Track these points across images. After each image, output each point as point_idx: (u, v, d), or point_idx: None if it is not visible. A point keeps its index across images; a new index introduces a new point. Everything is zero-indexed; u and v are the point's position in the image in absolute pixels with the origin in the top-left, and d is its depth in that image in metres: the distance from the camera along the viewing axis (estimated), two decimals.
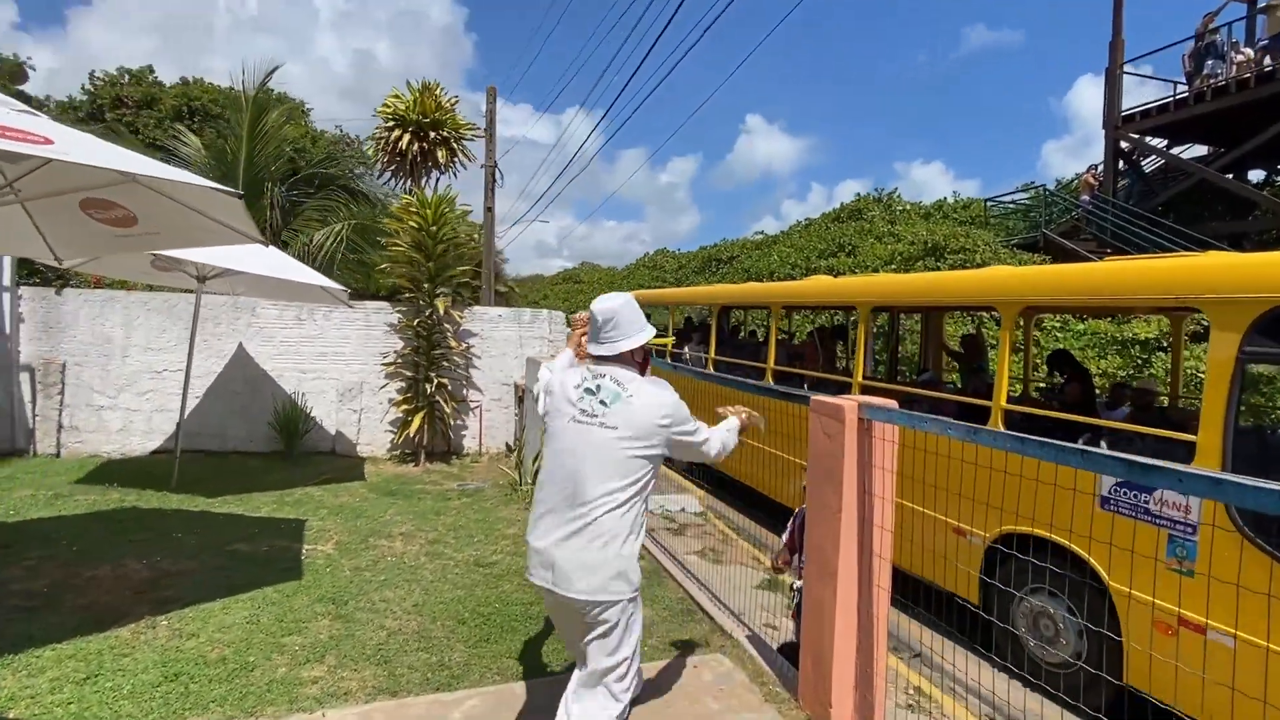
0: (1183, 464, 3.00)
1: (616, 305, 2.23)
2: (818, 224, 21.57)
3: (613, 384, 2.16)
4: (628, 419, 2.09)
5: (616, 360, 2.22)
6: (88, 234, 4.13)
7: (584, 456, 2.08)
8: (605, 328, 2.22)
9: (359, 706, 2.80)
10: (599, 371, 2.20)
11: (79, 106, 27.69)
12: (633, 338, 2.22)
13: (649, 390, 2.18)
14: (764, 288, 9.94)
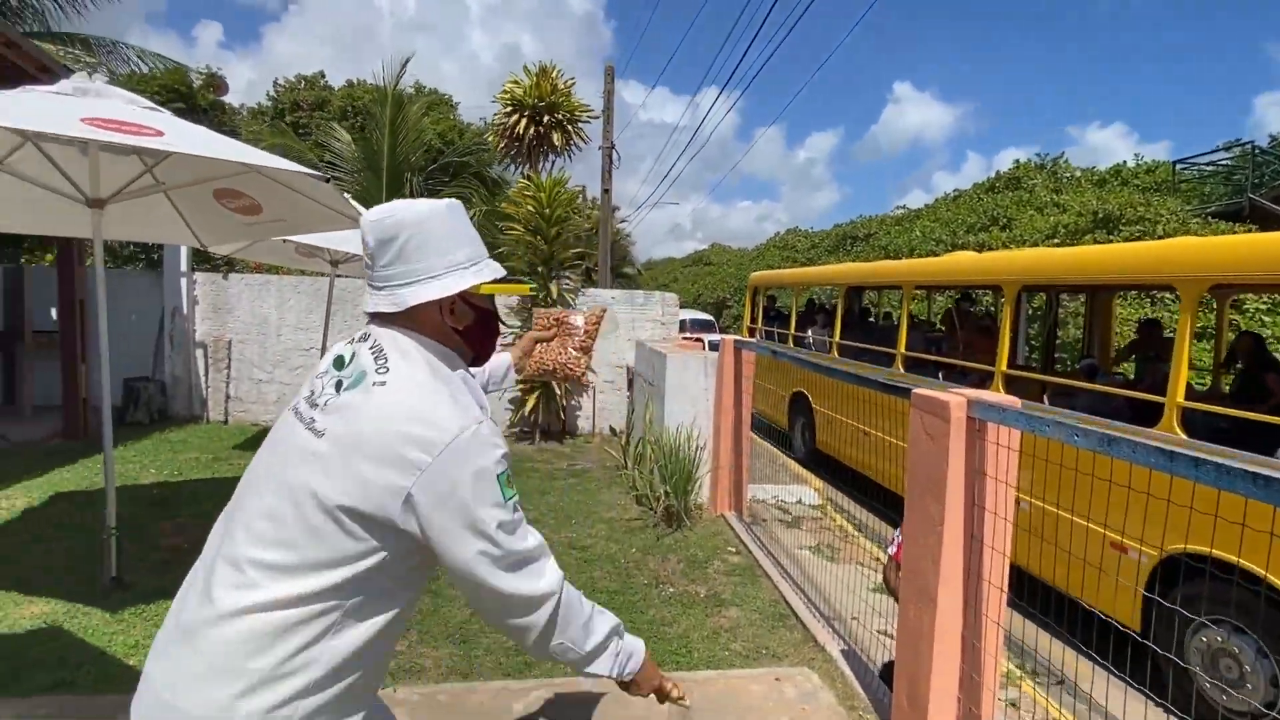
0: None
1: (404, 218, 1.13)
2: (968, 196, 19.71)
3: (369, 356, 1.12)
4: (350, 426, 1.05)
5: (401, 322, 1.15)
6: (223, 222, 4.50)
7: (264, 476, 1.11)
8: (379, 256, 1.14)
9: (428, 686, 2.82)
10: (368, 334, 1.17)
11: (265, 112, 31.19)
12: (427, 283, 1.13)
13: (416, 387, 1.08)
14: (893, 266, 9.17)
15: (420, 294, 1.12)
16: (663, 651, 3.22)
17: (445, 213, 1.17)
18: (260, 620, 0.97)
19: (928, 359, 6.68)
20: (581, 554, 4.42)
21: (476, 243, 1.22)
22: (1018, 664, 3.69)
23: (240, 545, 1.02)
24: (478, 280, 1.17)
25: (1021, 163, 19.02)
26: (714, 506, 5.39)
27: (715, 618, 3.58)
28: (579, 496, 5.73)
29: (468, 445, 1.03)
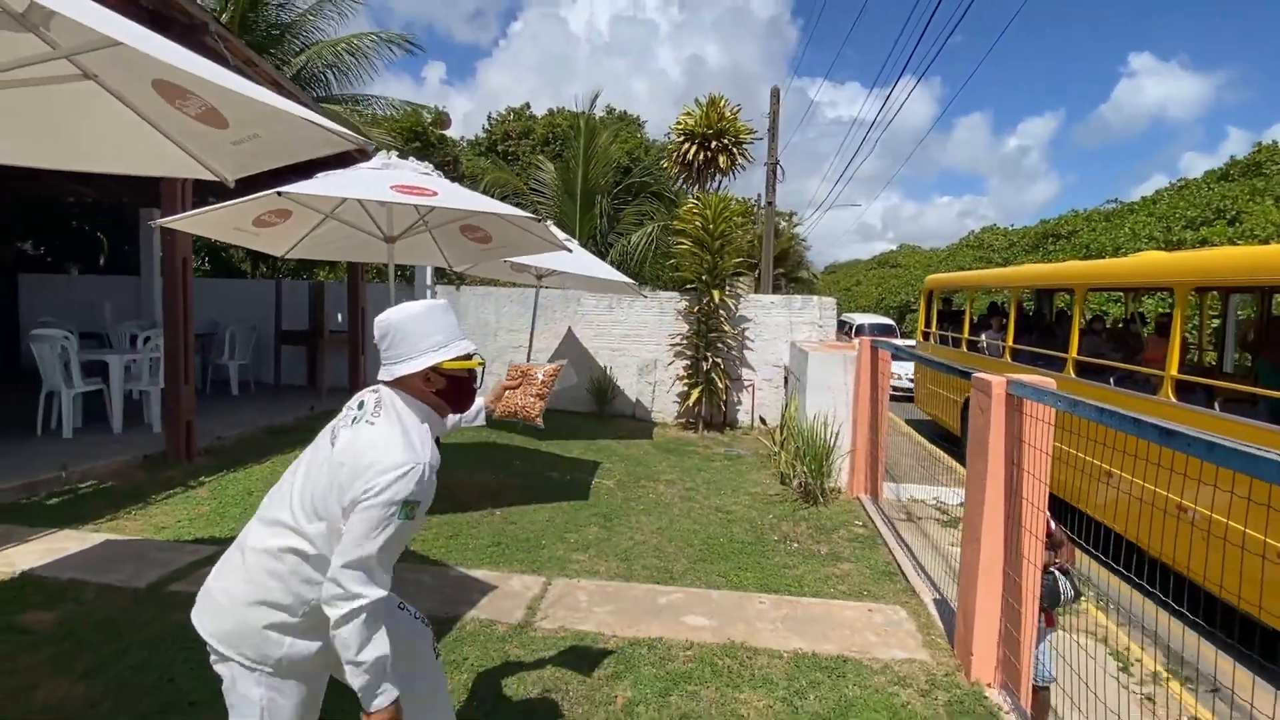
0: None
1: (396, 317, 1.71)
2: (1194, 186, 17.45)
3: (372, 403, 1.69)
4: (348, 444, 1.61)
5: (396, 386, 1.71)
6: (464, 249, 6.04)
7: (296, 472, 1.72)
8: (382, 345, 1.72)
9: (600, 581, 3.93)
10: (378, 390, 1.74)
11: (480, 143, 35.73)
12: (412, 358, 1.68)
13: (388, 433, 1.60)
14: (1065, 267, 8.89)
15: (399, 370, 1.66)
16: (779, 583, 4.04)
17: (423, 313, 1.70)
18: (274, 552, 1.60)
19: (1098, 363, 6.63)
20: (725, 515, 5.33)
21: (449, 330, 1.72)
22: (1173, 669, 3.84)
23: (273, 503, 1.68)
24: (441, 359, 1.67)
25: (1264, 145, 16.48)
26: (850, 489, 6.01)
27: (830, 568, 4.32)
28: (730, 475, 6.64)
29: (394, 476, 1.51)
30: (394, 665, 1.63)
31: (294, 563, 1.59)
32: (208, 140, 2.99)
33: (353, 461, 1.55)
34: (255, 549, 1.62)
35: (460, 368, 1.73)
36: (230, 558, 1.68)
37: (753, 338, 9.38)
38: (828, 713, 2.71)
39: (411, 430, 1.63)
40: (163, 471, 5.59)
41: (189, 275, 5.88)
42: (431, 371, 1.68)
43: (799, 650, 3.20)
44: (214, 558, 1.82)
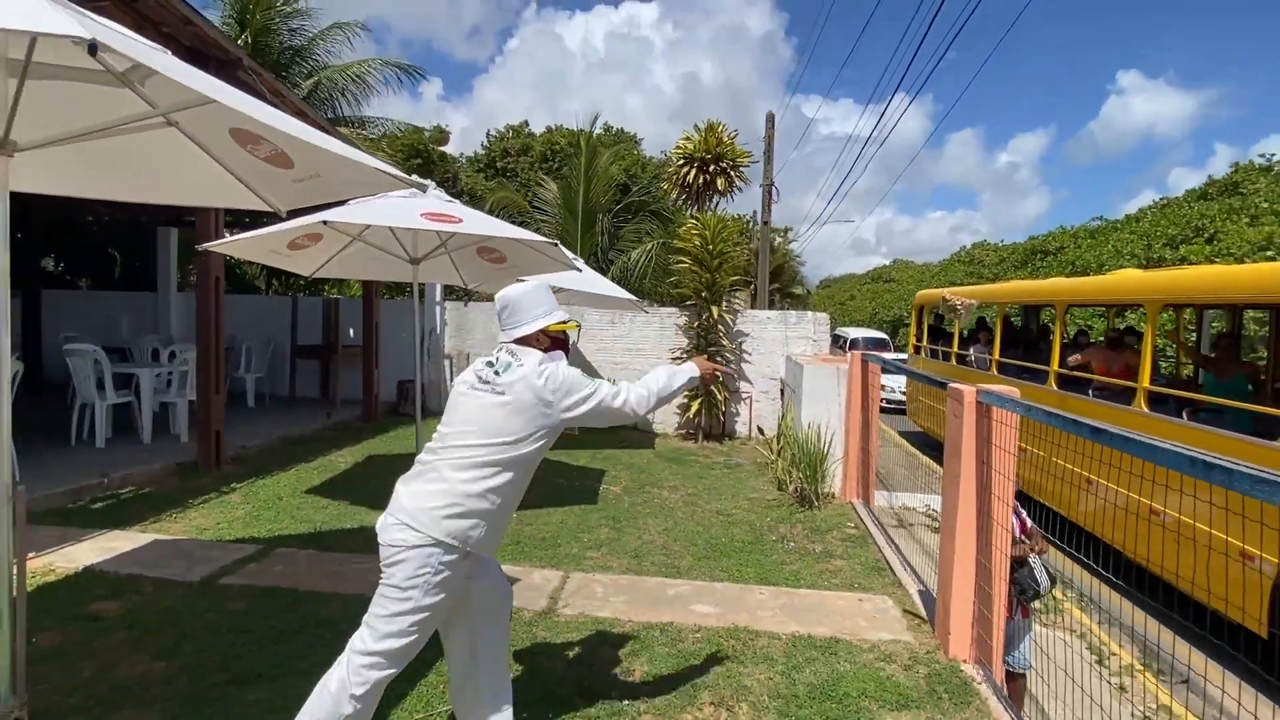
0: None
1: (513, 294, 2.32)
2: (1176, 204, 18.02)
3: (508, 356, 2.25)
4: (511, 383, 2.15)
5: (519, 342, 2.29)
6: (480, 269, 6.43)
7: (467, 418, 2.18)
8: (503, 315, 2.31)
9: (614, 575, 4.28)
10: (501, 347, 2.31)
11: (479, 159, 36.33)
12: (530, 324, 2.27)
13: (540, 360, 2.22)
14: (1046, 284, 9.34)
15: (520, 332, 2.28)
16: (777, 577, 4.40)
17: (530, 290, 2.33)
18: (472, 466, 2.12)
19: (1079, 376, 7.02)
20: (726, 518, 5.69)
21: (549, 303, 2.34)
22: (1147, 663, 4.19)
23: (455, 438, 2.16)
24: (546, 323, 2.29)
25: (1241, 166, 17.07)
26: (843, 494, 6.38)
27: (823, 564, 4.68)
28: (730, 482, 7.00)
29: (566, 376, 2.21)
30: (480, 616, 2.23)
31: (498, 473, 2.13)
32: (270, 177, 3.37)
33: (541, 385, 2.15)
34: (450, 457, 2.12)
35: (560, 329, 2.37)
36: (414, 479, 2.17)
37: (750, 351, 9.77)
38: (821, 683, 3.06)
39: (543, 358, 2.25)
40: (195, 479, 5.93)
41: (220, 293, 6.26)
42: (540, 332, 2.29)
43: (796, 633, 3.56)
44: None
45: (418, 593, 2.02)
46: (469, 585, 2.21)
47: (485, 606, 2.29)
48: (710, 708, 2.86)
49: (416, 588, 2.02)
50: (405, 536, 2.04)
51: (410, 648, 2.08)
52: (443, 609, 2.12)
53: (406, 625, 2.03)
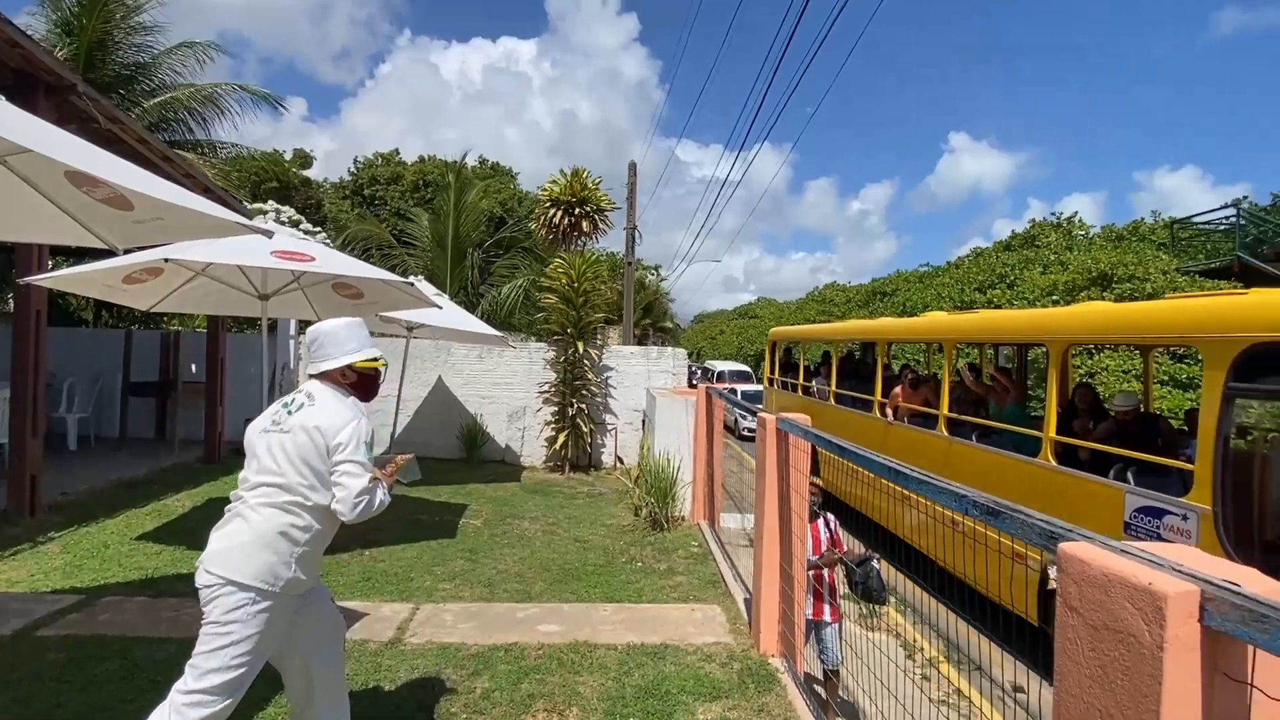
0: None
1: (323, 329, 2.35)
2: (986, 254, 20.83)
3: (304, 396, 2.27)
4: (302, 423, 2.17)
5: (322, 378, 2.33)
6: (336, 304, 6.43)
7: (261, 461, 2.19)
8: (312, 349, 2.35)
9: (465, 604, 4.45)
10: (300, 387, 2.35)
11: (346, 185, 35.05)
12: (335, 359, 2.31)
13: (333, 406, 2.23)
14: (870, 324, 10.60)
15: (324, 366, 2.33)
16: (622, 595, 4.75)
17: (341, 326, 2.36)
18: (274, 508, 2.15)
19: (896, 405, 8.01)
20: (583, 545, 5.99)
21: (359, 339, 2.38)
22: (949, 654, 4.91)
23: (254, 478, 2.19)
24: (354, 359, 2.34)
25: (1036, 221, 20.08)
26: (692, 517, 6.89)
27: (666, 580, 5.09)
28: (591, 511, 7.32)
29: (352, 429, 2.20)
30: (311, 648, 2.31)
31: (296, 513, 2.16)
32: (109, 217, 3.37)
33: (321, 426, 2.16)
34: (254, 500, 2.15)
35: (369, 366, 2.40)
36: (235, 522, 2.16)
37: (615, 385, 10.23)
38: (647, 684, 3.43)
39: (344, 400, 2.30)
40: (5, 529, 5.42)
41: (42, 327, 5.84)
42: (347, 369, 2.34)
43: (631, 643, 3.91)
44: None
45: (238, 627, 2.05)
46: (295, 619, 2.25)
47: (316, 638, 2.35)
48: (544, 714, 3.14)
49: (236, 622, 2.05)
50: (216, 580, 2.06)
51: (235, 682, 2.07)
52: (267, 643, 2.13)
53: (229, 660, 2.04)
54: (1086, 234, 19.26)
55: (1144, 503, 4.50)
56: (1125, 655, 1.14)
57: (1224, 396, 4.02)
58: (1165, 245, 16.48)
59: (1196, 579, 1.11)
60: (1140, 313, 5.16)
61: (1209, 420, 4.07)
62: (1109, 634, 1.17)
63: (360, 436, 2.21)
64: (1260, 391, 4.18)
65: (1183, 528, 4.21)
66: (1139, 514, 4.53)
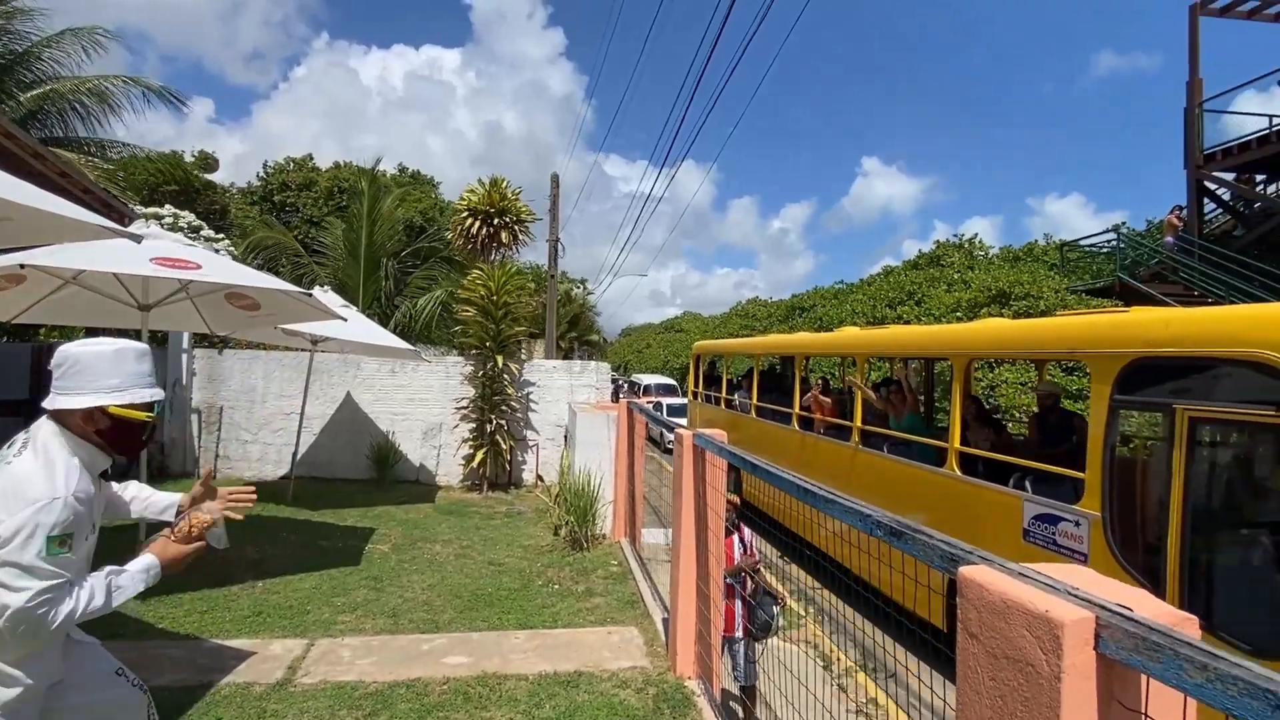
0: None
1: (72, 352, 1.75)
2: (896, 272, 21.82)
3: (20, 442, 1.72)
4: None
5: (57, 418, 1.74)
6: (230, 316, 5.99)
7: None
8: (55, 375, 1.76)
9: (365, 638, 4.16)
10: (31, 428, 1.76)
11: (255, 191, 33.28)
12: (80, 395, 1.71)
13: (29, 468, 1.64)
14: (786, 339, 10.85)
15: (62, 403, 1.69)
16: (537, 620, 4.56)
17: (110, 354, 1.73)
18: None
19: (809, 416, 8.17)
20: (498, 568, 5.76)
21: (133, 376, 1.75)
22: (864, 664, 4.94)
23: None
24: (110, 402, 1.69)
25: (941, 242, 21.21)
26: (614, 534, 6.76)
27: (583, 603, 4.94)
28: (508, 531, 7.08)
29: (32, 510, 1.56)
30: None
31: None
32: None
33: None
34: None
35: (130, 415, 1.76)
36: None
37: (537, 400, 10.01)
38: (559, 715, 3.27)
39: (58, 464, 1.65)
40: None
41: None
42: (97, 411, 1.72)
43: (543, 672, 3.74)
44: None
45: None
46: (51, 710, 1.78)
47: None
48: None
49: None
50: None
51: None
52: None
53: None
54: (986, 254, 20.47)
55: (1040, 510, 4.70)
56: (1024, 685, 1.10)
57: (1109, 408, 4.25)
58: (1056, 265, 17.70)
59: (1092, 604, 1.08)
60: (1034, 329, 5.43)
61: (1097, 430, 4.30)
62: (1008, 662, 1.14)
63: (37, 530, 1.57)
64: (1141, 403, 4.44)
65: (1075, 534, 4.42)
66: (1036, 521, 4.73)
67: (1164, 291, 13.80)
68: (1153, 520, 4.32)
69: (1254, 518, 4.01)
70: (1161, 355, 4.00)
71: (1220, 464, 4.54)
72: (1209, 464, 4.38)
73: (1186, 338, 3.90)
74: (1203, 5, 14.24)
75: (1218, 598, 3.75)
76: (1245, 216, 15.33)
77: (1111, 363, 4.25)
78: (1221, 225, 15.65)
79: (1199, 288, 13.48)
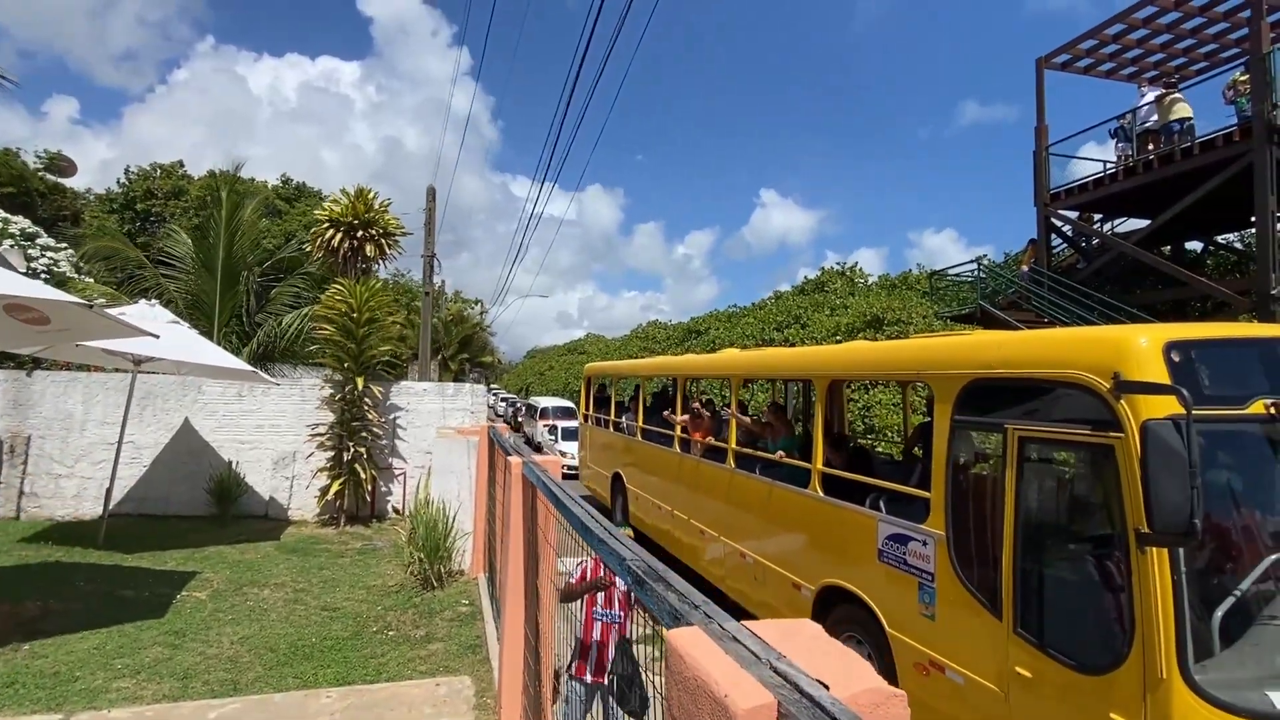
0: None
1: None
2: (785, 297, 22.54)
3: None
4: None
5: None
6: (15, 331, 5.14)
7: None
8: None
9: (138, 708, 3.54)
10: None
11: (115, 198, 30.38)
12: None
13: None
14: (666, 361, 10.84)
15: None
16: (357, 674, 4.07)
17: None
18: None
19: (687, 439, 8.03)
20: (330, 614, 5.18)
21: None
22: None
23: None
24: None
25: (825, 269, 22.14)
26: (472, 570, 6.30)
27: (418, 650, 4.48)
28: (355, 570, 6.46)
29: None
30: None
31: None
32: None
33: None
34: None
35: None
36: None
37: (405, 425, 9.38)
38: None
39: None
40: None
41: None
42: None
43: None
44: None
45: None
46: None
47: None
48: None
49: None
50: None
51: None
52: None
53: None
54: (866, 281, 21.52)
55: (893, 530, 4.71)
56: None
57: (950, 427, 4.31)
58: (927, 293, 18.82)
59: (786, 683, 0.86)
60: (886, 351, 5.53)
61: (940, 450, 4.34)
62: None
63: None
64: (978, 424, 4.54)
65: (923, 553, 4.43)
66: (889, 541, 4.73)
67: (1019, 318, 14.88)
68: (990, 539, 4.40)
69: (1081, 534, 4.15)
70: (995, 376, 4.09)
71: (1048, 482, 4.71)
72: (1038, 482, 4.53)
73: (1016, 360, 4.00)
74: (1047, 59, 15.65)
75: (1048, 614, 3.81)
76: (1086, 251, 16.89)
77: (951, 383, 4.32)
78: (1066, 259, 17.17)
79: (1048, 315, 14.65)
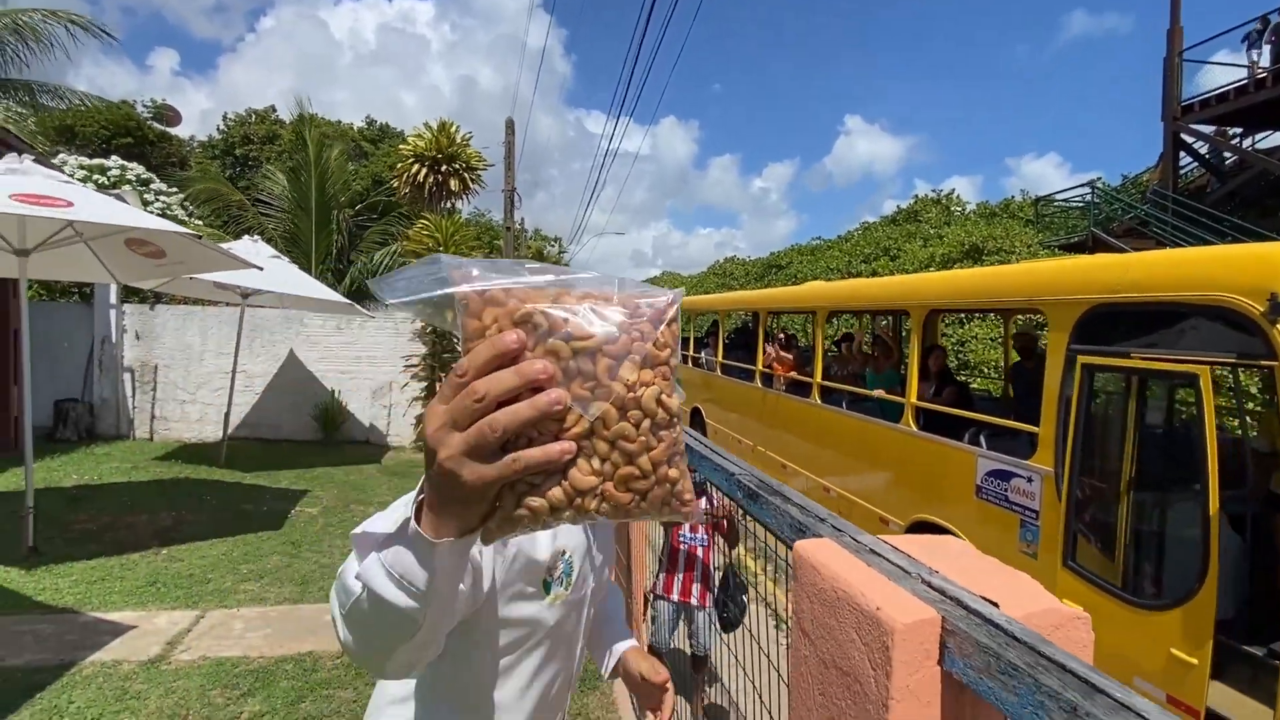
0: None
1: None
2: (873, 228, 21.46)
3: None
4: None
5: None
6: (135, 263, 5.51)
7: None
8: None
9: (265, 608, 3.85)
10: None
11: (215, 145, 31.98)
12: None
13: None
14: (747, 295, 10.54)
15: None
16: None
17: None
18: None
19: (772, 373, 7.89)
20: None
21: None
22: None
23: None
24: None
25: (919, 197, 20.84)
26: None
27: None
28: None
29: None
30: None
31: None
32: None
33: None
34: None
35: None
36: None
37: None
38: None
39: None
40: None
41: None
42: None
43: None
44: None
45: None
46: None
47: None
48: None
49: None
50: None
51: None
52: None
53: None
54: (963, 210, 20.15)
55: (994, 466, 4.48)
56: (852, 708, 0.79)
57: (1066, 359, 3.99)
58: (1031, 221, 17.44)
59: (946, 599, 0.76)
60: (992, 277, 5.14)
61: (1053, 382, 4.04)
62: (837, 674, 0.82)
63: None
64: (1100, 353, 4.18)
65: (1028, 490, 4.19)
66: (989, 478, 4.50)
67: (1136, 246, 13.61)
68: (1105, 477, 4.11)
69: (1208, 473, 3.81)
70: (1120, 301, 3.72)
71: (1177, 418, 4.31)
72: (1166, 418, 4.16)
73: (1147, 282, 3.62)
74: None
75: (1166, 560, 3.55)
76: (1220, 171, 15.09)
77: (1069, 310, 3.98)
78: (1195, 180, 15.42)
79: (1172, 241, 13.30)
